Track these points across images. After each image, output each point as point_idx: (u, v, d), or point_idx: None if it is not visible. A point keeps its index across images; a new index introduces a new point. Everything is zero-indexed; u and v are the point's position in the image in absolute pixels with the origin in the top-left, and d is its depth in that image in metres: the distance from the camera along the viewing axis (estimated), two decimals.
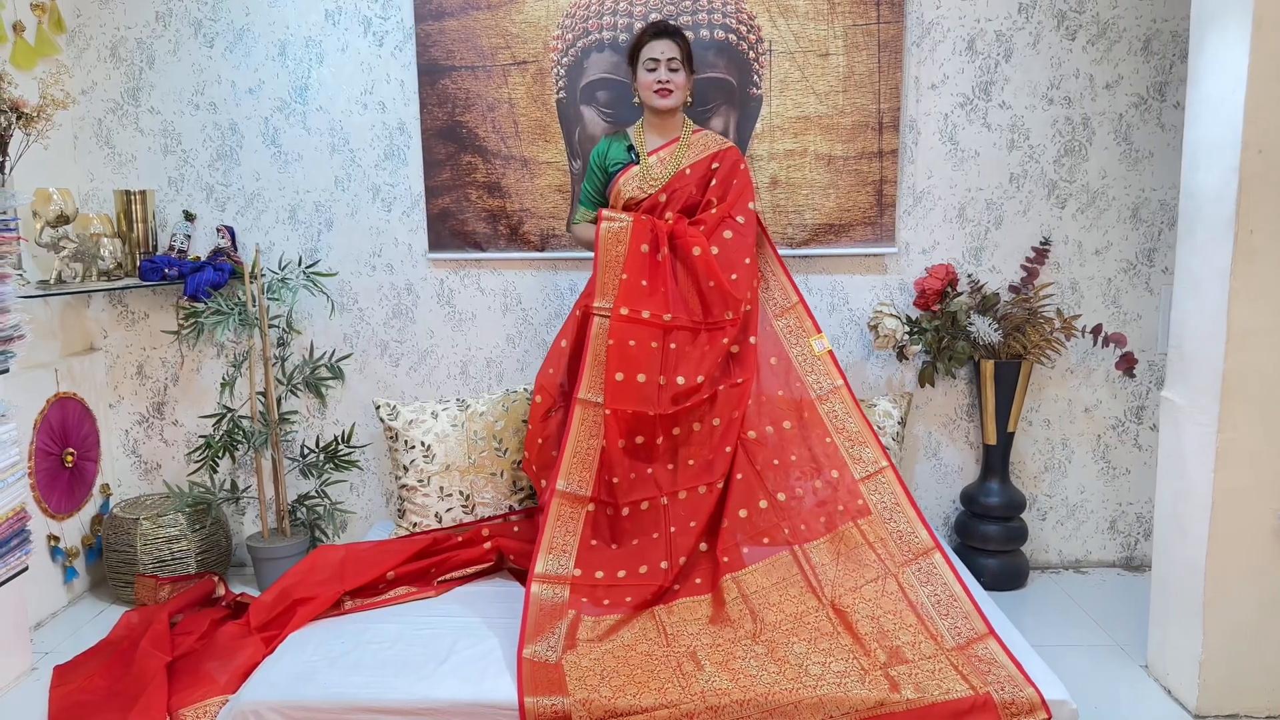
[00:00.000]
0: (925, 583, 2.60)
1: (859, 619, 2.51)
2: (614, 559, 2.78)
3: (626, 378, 2.84)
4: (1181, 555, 2.63)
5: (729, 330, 2.92)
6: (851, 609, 2.55)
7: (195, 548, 3.34)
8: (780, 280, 3.05)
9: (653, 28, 3.02)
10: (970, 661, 2.34)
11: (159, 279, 3.27)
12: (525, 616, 2.53)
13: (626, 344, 2.86)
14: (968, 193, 3.41)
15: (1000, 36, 3.33)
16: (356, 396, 3.56)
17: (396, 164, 3.44)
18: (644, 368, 2.86)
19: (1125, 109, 3.36)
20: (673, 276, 2.94)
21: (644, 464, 2.87)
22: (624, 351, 2.85)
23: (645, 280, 2.92)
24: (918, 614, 2.51)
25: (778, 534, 2.80)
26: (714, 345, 2.91)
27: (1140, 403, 3.51)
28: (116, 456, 3.61)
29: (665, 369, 2.87)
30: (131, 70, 3.42)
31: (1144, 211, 3.41)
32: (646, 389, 2.86)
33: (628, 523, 2.83)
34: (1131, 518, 3.58)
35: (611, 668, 2.40)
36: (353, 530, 3.62)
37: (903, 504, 2.76)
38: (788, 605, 2.62)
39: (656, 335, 2.89)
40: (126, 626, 3.02)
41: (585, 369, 2.87)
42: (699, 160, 3.05)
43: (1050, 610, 3.24)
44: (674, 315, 2.91)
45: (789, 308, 3.02)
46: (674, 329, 2.90)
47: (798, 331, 3.00)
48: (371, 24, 3.37)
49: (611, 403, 2.83)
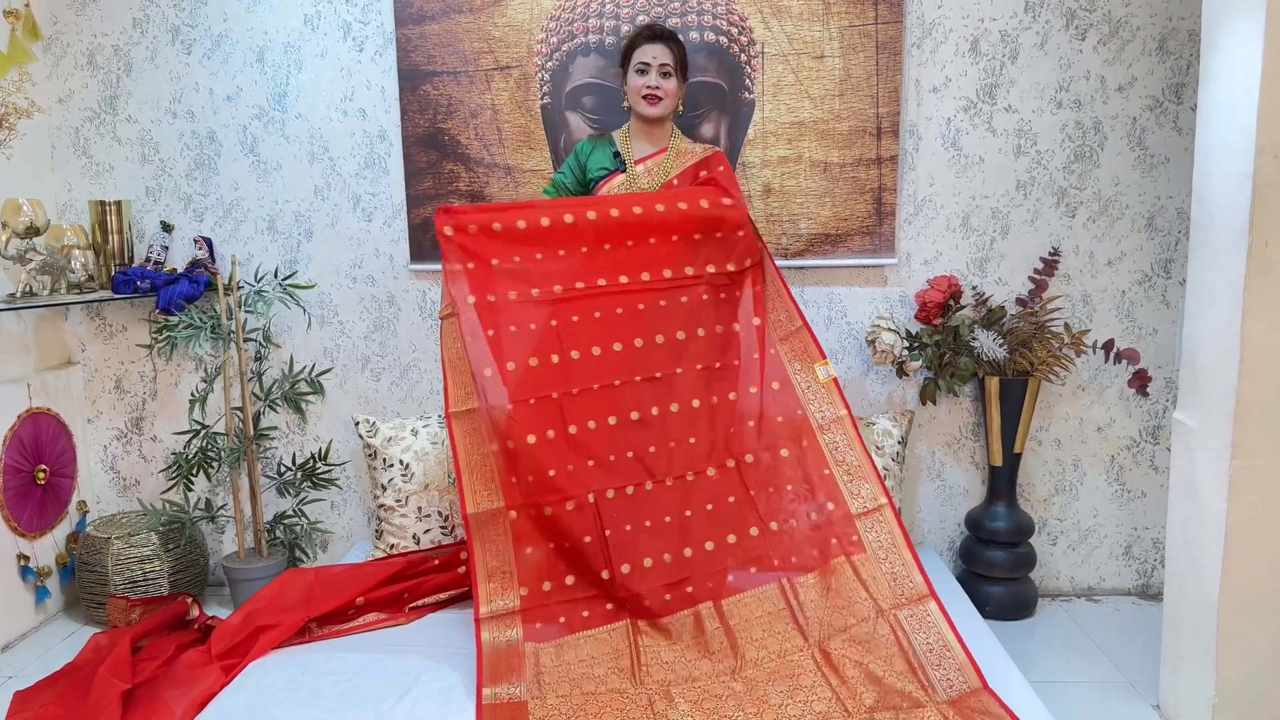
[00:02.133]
0: (918, 629, 2.42)
1: (846, 663, 2.35)
2: (556, 565, 2.59)
3: (518, 365, 2.65)
4: (1193, 589, 2.46)
5: (687, 287, 2.79)
6: (838, 652, 2.38)
7: (168, 568, 3.24)
8: (785, 303, 2.85)
9: (647, 30, 2.91)
10: (963, 714, 2.18)
11: (131, 291, 3.18)
12: (480, 662, 2.40)
13: (505, 330, 2.67)
14: (972, 201, 3.25)
15: (1005, 37, 3.17)
16: (338, 412, 3.45)
17: (377, 172, 3.34)
18: (533, 350, 2.67)
19: (1139, 112, 3.19)
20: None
21: (583, 456, 2.64)
22: (501, 341, 2.66)
23: (498, 259, 2.73)
24: (909, 661, 2.34)
25: (767, 563, 2.62)
26: (647, 304, 2.77)
27: (1156, 422, 3.33)
28: (95, 473, 3.53)
29: (564, 345, 2.68)
30: (109, 78, 3.35)
31: (1159, 220, 3.24)
32: (542, 371, 2.66)
33: (553, 524, 2.59)
34: (1147, 543, 3.39)
35: (579, 705, 2.27)
36: (334, 550, 3.51)
37: (899, 545, 2.58)
38: (771, 642, 2.46)
39: (538, 314, 2.70)
40: (94, 649, 2.91)
41: (447, 382, 2.65)
42: (686, 170, 2.94)
43: (1059, 642, 3.07)
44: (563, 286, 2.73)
45: (794, 331, 2.82)
46: (563, 300, 2.72)
47: (802, 356, 2.80)
48: (351, 29, 3.28)
49: (514, 396, 2.62)
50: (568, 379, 2.66)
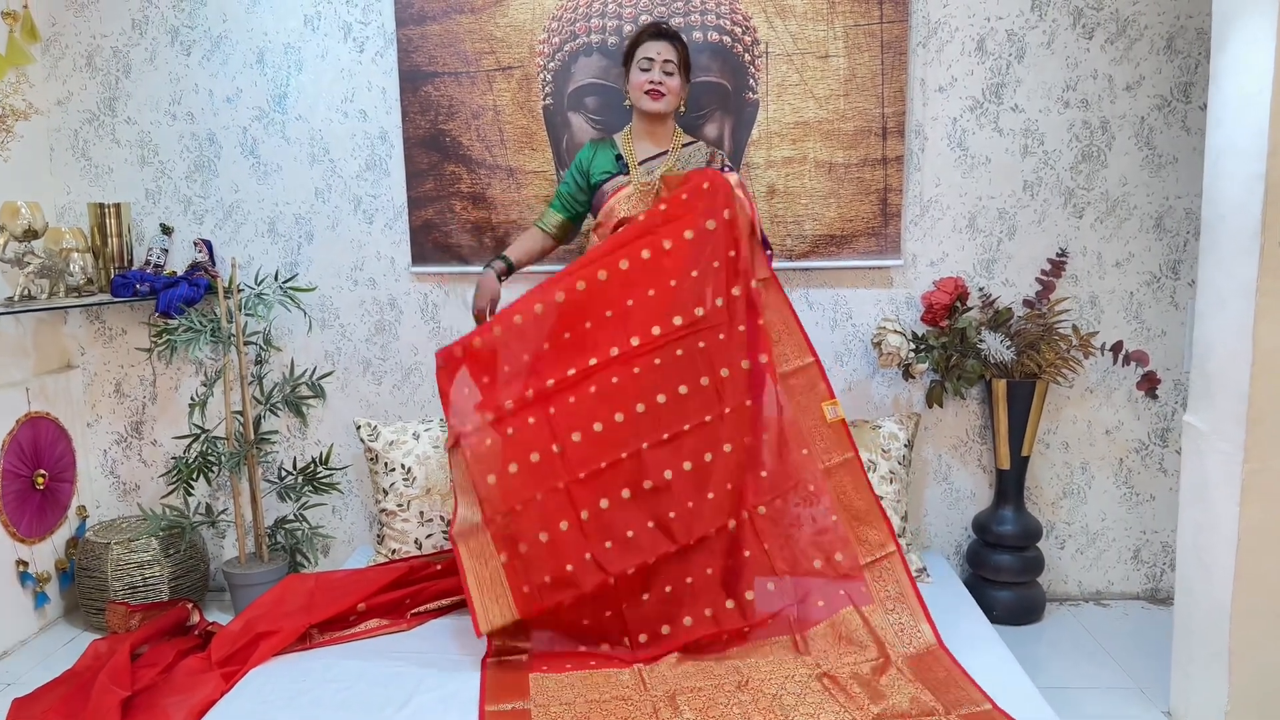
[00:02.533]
0: (929, 669, 2.39)
1: (852, 684, 2.32)
2: (568, 639, 2.56)
3: (520, 465, 2.58)
4: (1205, 594, 2.42)
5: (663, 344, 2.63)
6: (846, 678, 2.36)
7: (168, 573, 3.21)
8: (796, 337, 2.72)
9: (651, 27, 2.89)
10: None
11: (131, 295, 3.16)
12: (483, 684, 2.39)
13: (504, 435, 2.63)
14: (978, 201, 3.22)
15: (1012, 35, 3.14)
16: (339, 416, 3.42)
17: (378, 174, 3.31)
18: (535, 445, 2.60)
19: (1147, 111, 3.15)
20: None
21: (600, 540, 2.53)
22: (502, 447, 2.61)
23: (497, 370, 2.69)
24: (916, 685, 2.32)
25: (782, 621, 2.57)
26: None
27: (1165, 424, 3.29)
28: (94, 477, 3.50)
29: (563, 431, 2.59)
30: (108, 80, 3.32)
31: (1168, 221, 3.20)
32: (545, 465, 2.58)
33: (572, 611, 2.53)
34: (1156, 546, 3.36)
35: (583, 713, 2.24)
36: (335, 554, 3.48)
37: (907, 595, 2.54)
38: (779, 669, 2.43)
39: (536, 410, 2.63)
40: (93, 656, 2.89)
41: (456, 504, 2.61)
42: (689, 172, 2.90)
43: (1068, 647, 3.03)
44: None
45: (802, 368, 2.71)
46: (558, 391, 2.63)
47: (809, 393, 2.70)
48: (351, 29, 3.25)
49: (520, 496, 2.55)
50: (573, 465, 2.55)
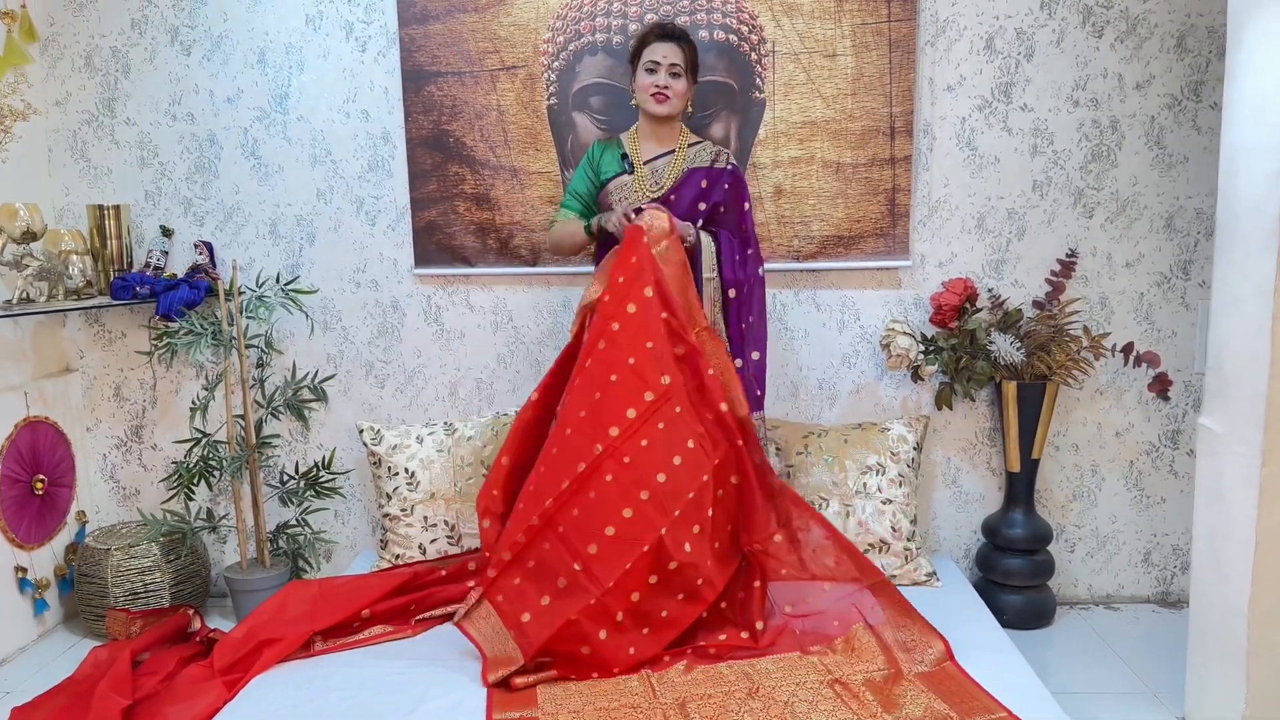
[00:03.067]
0: (941, 682, 2.36)
1: (867, 694, 2.29)
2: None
3: (552, 596, 2.53)
4: (1221, 597, 2.39)
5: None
6: (858, 685, 2.33)
7: (169, 579, 3.18)
8: (738, 389, 2.71)
9: (658, 28, 2.84)
10: None
11: (130, 297, 3.12)
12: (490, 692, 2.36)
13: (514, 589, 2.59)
14: (987, 201, 3.19)
15: (1021, 34, 3.11)
16: (341, 419, 3.38)
17: (381, 175, 3.28)
18: (556, 581, 2.55)
19: (1157, 111, 3.12)
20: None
21: (631, 643, 2.50)
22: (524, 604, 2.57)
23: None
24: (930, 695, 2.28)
25: (790, 641, 2.56)
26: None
27: (1176, 426, 3.26)
28: (94, 482, 3.47)
29: (578, 550, 2.52)
30: (107, 80, 3.28)
31: (1178, 221, 3.17)
32: (570, 594, 2.50)
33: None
34: (1167, 550, 3.33)
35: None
36: (338, 560, 3.45)
37: (912, 613, 2.54)
38: (790, 675, 2.40)
39: (546, 539, 2.59)
40: (93, 664, 2.84)
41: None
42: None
43: (1079, 651, 3.00)
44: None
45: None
46: (557, 510, 2.56)
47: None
48: (354, 29, 3.21)
49: (551, 643, 2.45)
50: (599, 577, 2.45)
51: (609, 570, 2.45)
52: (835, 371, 3.29)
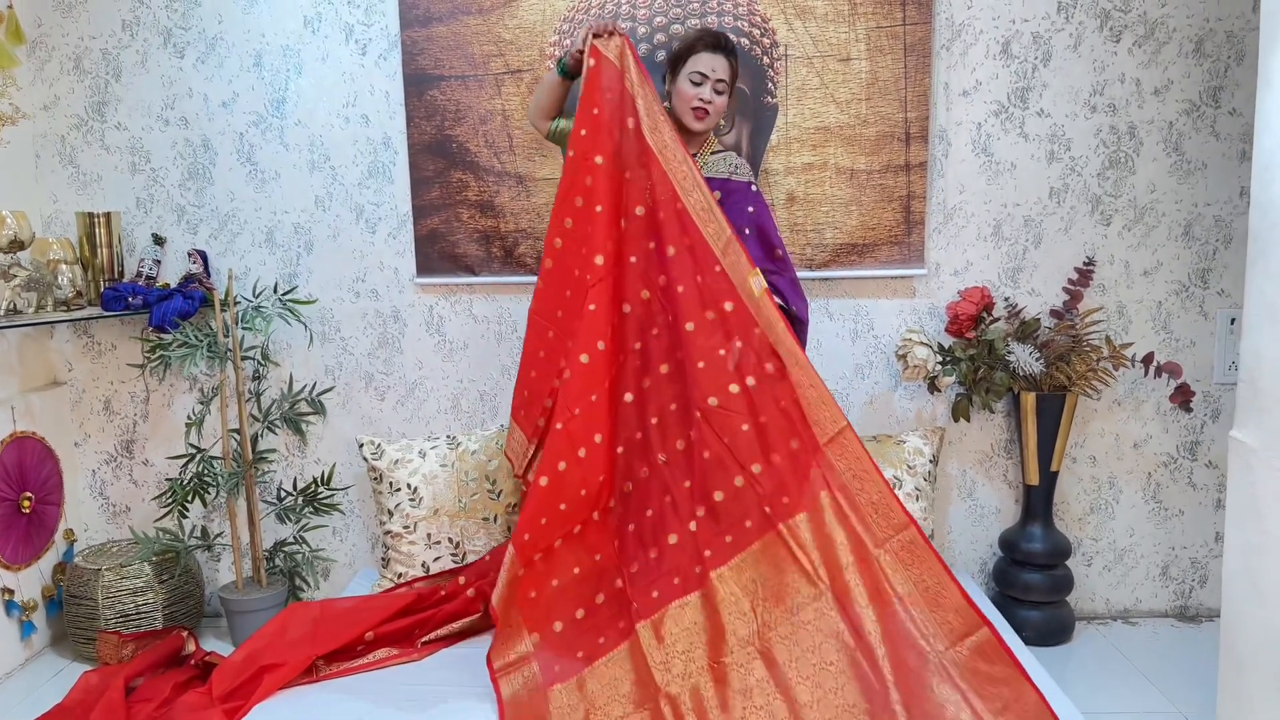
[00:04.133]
0: (908, 565, 2.35)
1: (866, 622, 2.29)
2: (564, 601, 2.52)
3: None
4: (1256, 617, 2.32)
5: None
6: (848, 592, 2.33)
7: (162, 600, 3.06)
8: (717, 220, 2.60)
9: (710, 37, 2.68)
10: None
11: (122, 308, 3.01)
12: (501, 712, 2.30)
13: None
14: (1003, 209, 3.13)
15: (1038, 38, 3.05)
16: (339, 433, 3.28)
17: (381, 182, 3.18)
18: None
19: (1175, 116, 3.07)
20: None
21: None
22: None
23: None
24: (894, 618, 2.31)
25: (759, 514, 2.45)
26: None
27: (1194, 437, 3.20)
28: (83, 499, 3.35)
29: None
30: (97, 83, 3.18)
31: (1197, 228, 3.12)
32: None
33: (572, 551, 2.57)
34: (1185, 563, 3.27)
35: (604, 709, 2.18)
36: (336, 579, 3.34)
37: (868, 468, 2.45)
38: (787, 597, 2.37)
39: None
40: (84, 690, 2.73)
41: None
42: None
43: (1102, 668, 2.93)
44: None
45: (727, 242, 2.59)
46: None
47: (738, 269, 2.58)
48: (354, 31, 3.12)
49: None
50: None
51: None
52: (849, 383, 3.21)
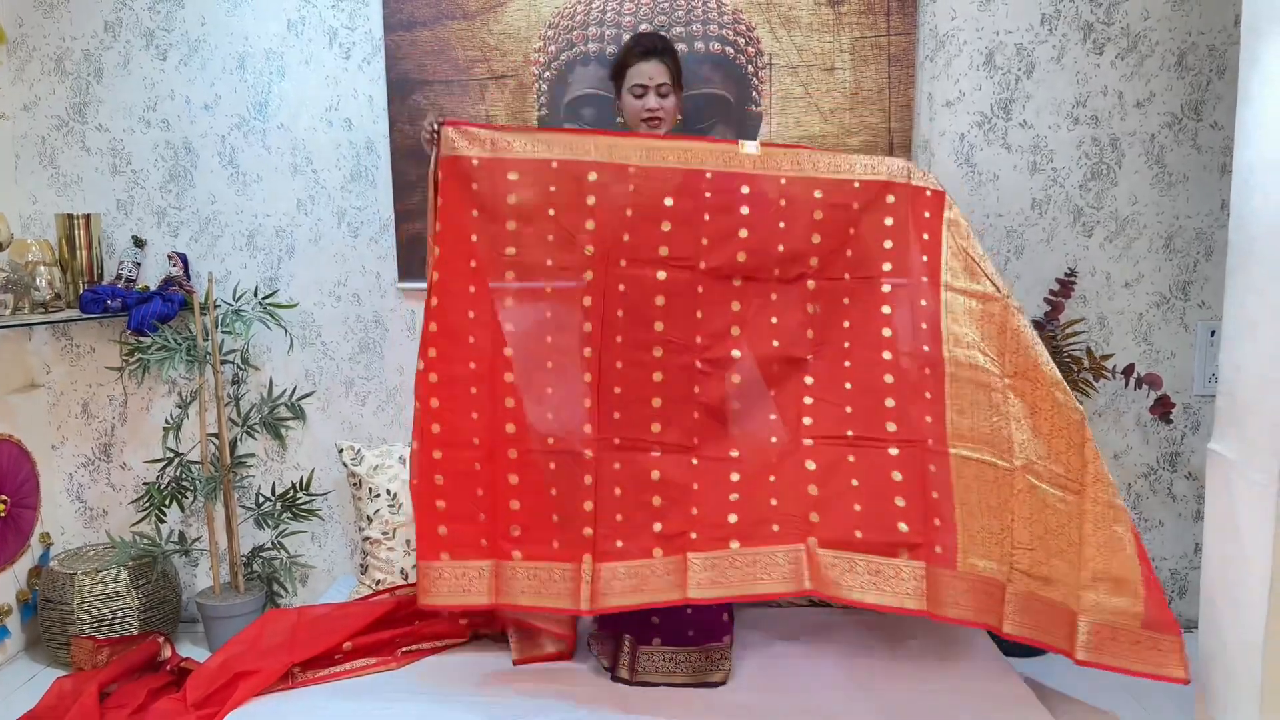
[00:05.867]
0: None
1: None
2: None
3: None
4: (1234, 631, 2.33)
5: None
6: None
7: (138, 605, 3.04)
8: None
9: (640, 45, 2.70)
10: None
11: (101, 310, 2.99)
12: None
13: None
14: (986, 219, 3.13)
15: (1021, 50, 3.06)
16: (319, 438, 3.26)
17: (364, 186, 3.17)
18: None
19: (1157, 129, 3.09)
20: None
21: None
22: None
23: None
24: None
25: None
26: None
27: (1174, 449, 3.21)
28: (59, 503, 3.32)
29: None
30: (78, 84, 3.16)
31: (1178, 241, 3.13)
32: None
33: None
34: (1165, 574, 3.27)
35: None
36: (315, 585, 3.32)
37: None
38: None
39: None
40: (58, 695, 2.70)
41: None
42: None
43: (1080, 679, 2.92)
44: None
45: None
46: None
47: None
48: (337, 35, 3.11)
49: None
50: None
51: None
52: None
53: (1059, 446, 2.43)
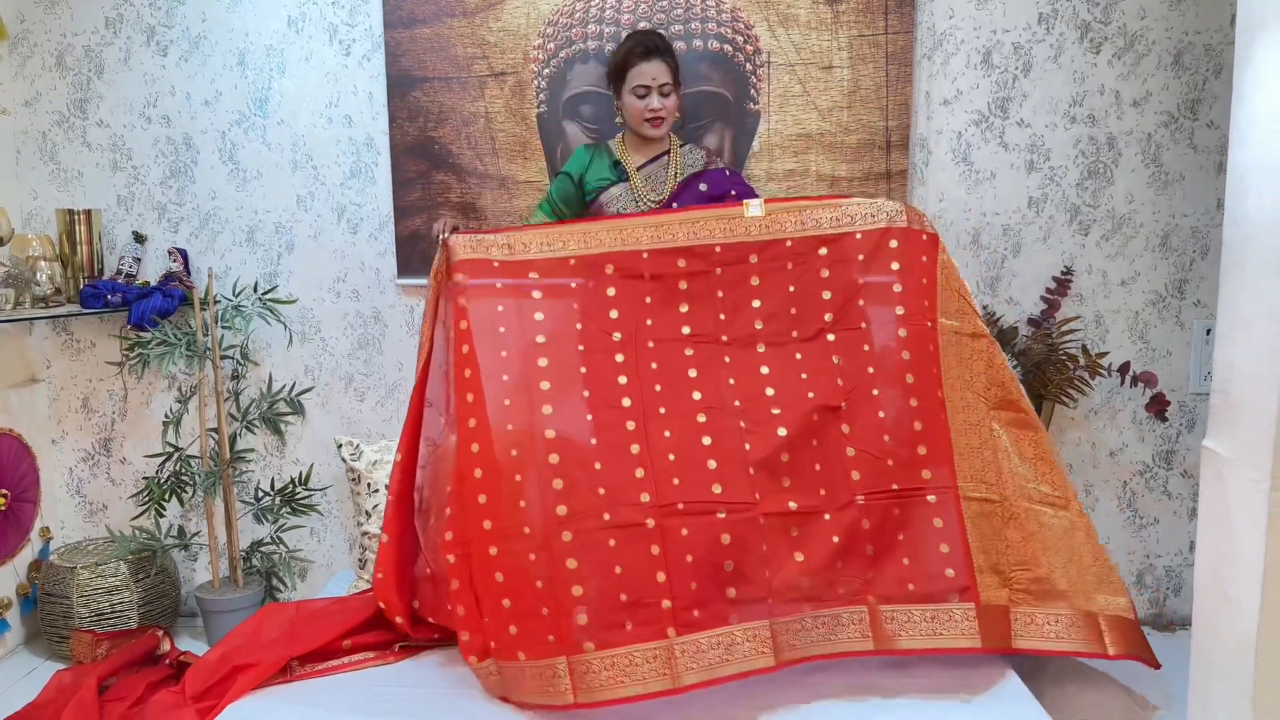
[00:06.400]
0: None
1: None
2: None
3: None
4: (1227, 628, 2.34)
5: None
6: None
7: (138, 599, 3.05)
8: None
9: (640, 45, 2.72)
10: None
11: (101, 306, 3.00)
12: None
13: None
14: (983, 217, 3.15)
15: (1019, 49, 3.07)
16: (319, 434, 3.28)
17: (364, 182, 3.18)
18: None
19: (1154, 128, 3.10)
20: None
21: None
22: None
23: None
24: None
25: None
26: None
27: (1170, 446, 3.23)
28: (59, 497, 3.33)
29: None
30: (79, 80, 3.17)
31: (1174, 239, 3.15)
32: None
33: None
34: (1160, 571, 3.29)
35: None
36: (313, 579, 3.33)
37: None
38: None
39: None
40: (57, 688, 2.72)
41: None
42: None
43: (1075, 678, 2.94)
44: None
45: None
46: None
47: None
48: (338, 31, 3.12)
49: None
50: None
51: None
52: None
53: (1043, 469, 2.58)
